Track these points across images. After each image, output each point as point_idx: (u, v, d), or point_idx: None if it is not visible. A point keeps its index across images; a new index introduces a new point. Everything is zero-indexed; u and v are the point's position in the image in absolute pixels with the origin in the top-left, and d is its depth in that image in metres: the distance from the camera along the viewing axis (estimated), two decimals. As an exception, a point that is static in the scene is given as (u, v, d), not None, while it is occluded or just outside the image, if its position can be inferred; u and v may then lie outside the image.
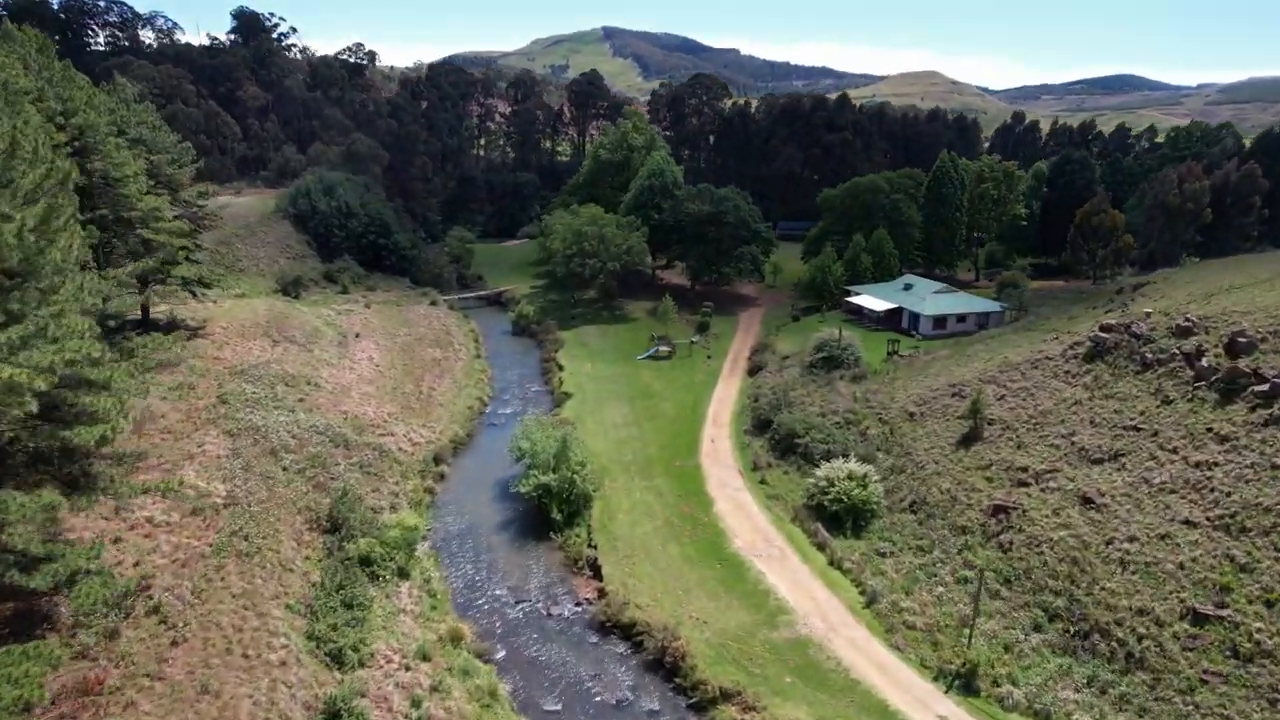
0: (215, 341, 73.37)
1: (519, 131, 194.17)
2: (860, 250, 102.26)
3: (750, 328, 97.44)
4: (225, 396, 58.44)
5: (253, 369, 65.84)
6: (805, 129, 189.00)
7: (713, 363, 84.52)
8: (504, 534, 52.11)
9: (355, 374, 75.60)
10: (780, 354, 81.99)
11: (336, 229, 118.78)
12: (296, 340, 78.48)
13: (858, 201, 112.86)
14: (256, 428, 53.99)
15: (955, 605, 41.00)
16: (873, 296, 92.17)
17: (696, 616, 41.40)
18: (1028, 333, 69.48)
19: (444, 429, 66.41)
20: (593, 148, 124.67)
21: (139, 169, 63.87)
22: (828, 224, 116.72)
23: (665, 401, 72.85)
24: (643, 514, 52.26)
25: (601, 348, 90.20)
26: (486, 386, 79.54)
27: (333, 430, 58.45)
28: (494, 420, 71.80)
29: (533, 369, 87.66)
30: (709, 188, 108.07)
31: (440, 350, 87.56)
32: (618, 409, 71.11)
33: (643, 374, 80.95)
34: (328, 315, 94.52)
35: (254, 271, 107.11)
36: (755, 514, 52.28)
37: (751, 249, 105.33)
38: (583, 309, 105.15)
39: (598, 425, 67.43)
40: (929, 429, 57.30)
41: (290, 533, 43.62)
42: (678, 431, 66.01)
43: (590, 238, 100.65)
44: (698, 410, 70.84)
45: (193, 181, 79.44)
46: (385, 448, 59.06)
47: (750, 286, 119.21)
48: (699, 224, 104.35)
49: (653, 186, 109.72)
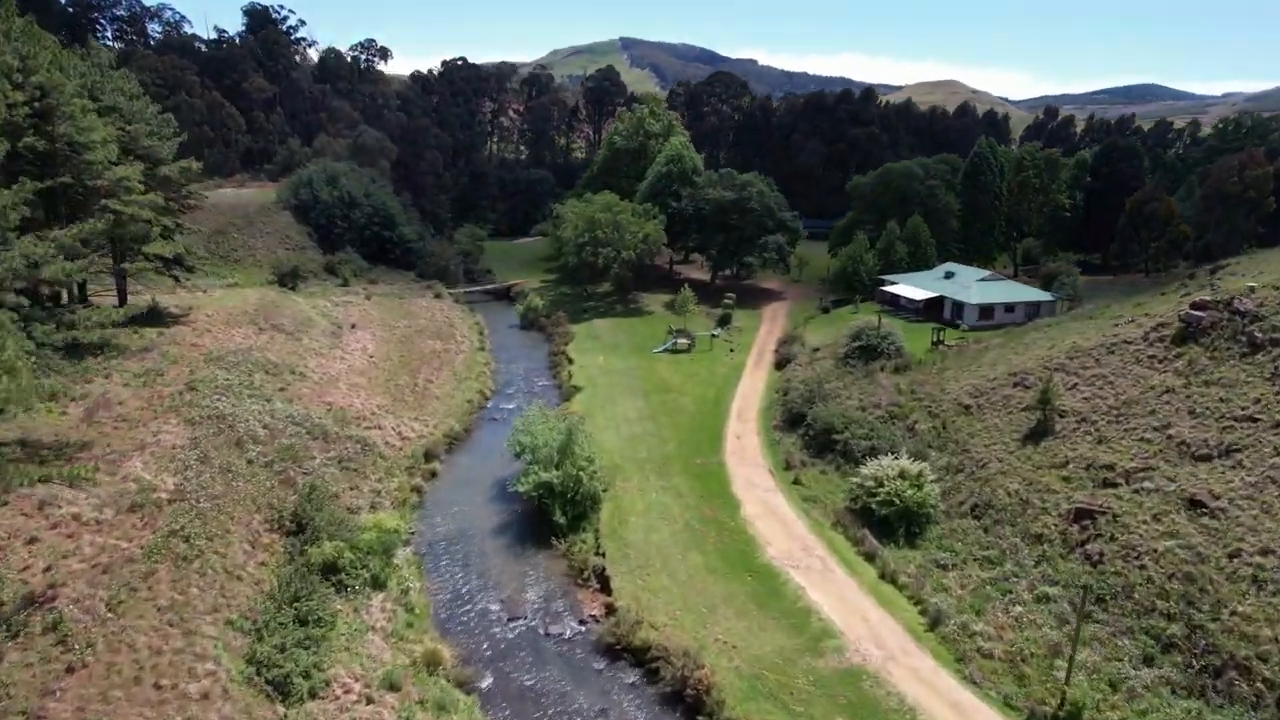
0: (197, 329, 67.63)
1: (533, 128, 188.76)
2: (894, 239, 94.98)
3: (775, 321, 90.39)
4: (195, 383, 52.30)
5: (230, 355, 59.80)
6: (829, 123, 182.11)
7: (736, 356, 77.56)
8: (499, 539, 45.32)
9: (345, 364, 69.38)
10: (810, 346, 74.88)
11: (339, 220, 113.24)
12: (285, 329, 72.49)
13: (890, 189, 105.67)
14: (223, 416, 47.69)
15: (1039, 629, 33.65)
16: (911, 285, 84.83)
17: (724, 639, 34.33)
18: (1091, 320, 61.88)
19: (438, 423, 59.89)
20: (608, 135, 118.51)
21: (108, 135, 58.20)
22: (857, 213, 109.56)
23: (684, 396, 65.93)
24: (659, 517, 45.31)
25: (615, 341, 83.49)
26: (489, 380, 73.01)
27: (311, 421, 52.10)
28: (495, 415, 65.19)
29: (540, 363, 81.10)
30: (731, 172, 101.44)
31: (441, 342, 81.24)
32: (631, 403, 64.28)
33: (659, 368, 74.12)
34: (323, 306, 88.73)
35: (250, 262, 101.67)
36: (790, 518, 45.15)
37: (777, 238, 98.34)
38: (595, 302, 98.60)
39: (609, 420, 60.62)
40: (988, 423, 49.91)
41: (244, 533, 37.09)
42: (698, 427, 59.05)
43: (604, 225, 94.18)
44: (720, 405, 63.85)
45: (177, 158, 74.04)
46: (369, 441, 52.58)
47: (774, 281, 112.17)
48: (720, 211, 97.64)
49: (670, 173, 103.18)
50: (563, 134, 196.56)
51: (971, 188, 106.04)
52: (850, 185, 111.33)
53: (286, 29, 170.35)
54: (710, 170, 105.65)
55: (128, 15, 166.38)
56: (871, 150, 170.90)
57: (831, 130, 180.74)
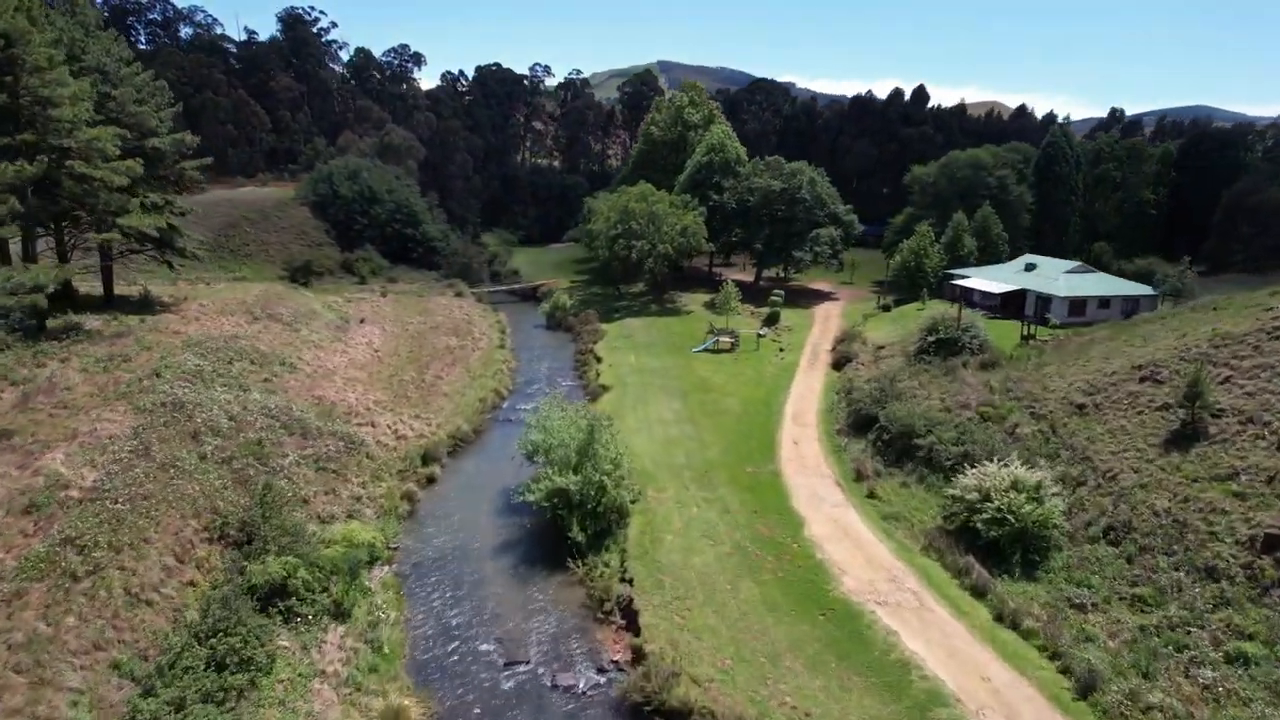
0: (185, 317, 60.95)
1: (567, 133, 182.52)
2: (962, 231, 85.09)
3: (829, 321, 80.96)
4: (161, 369, 44.93)
5: (210, 342, 52.52)
6: (879, 124, 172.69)
7: (786, 356, 68.31)
8: (502, 558, 36.62)
9: (346, 357, 61.82)
10: (873, 344, 65.39)
11: (358, 216, 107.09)
12: (282, 319, 65.32)
13: (954, 180, 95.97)
14: (181, 405, 39.97)
15: (1248, 706, 23.76)
16: (986, 279, 74.86)
17: (793, 703, 25.03)
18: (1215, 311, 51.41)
19: (443, 422, 51.66)
20: (643, 127, 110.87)
21: (81, 91, 51.71)
22: (917, 207, 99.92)
23: (729, 397, 56.86)
24: (701, 535, 36.19)
25: (648, 340, 74.86)
26: (506, 378, 64.75)
27: (290, 414, 44.18)
28: (511, 416, 56.75)
29: (565, 362, 72.75)
30: (779, 159, 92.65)
31: (456, 339, 73.42)
32: (667, 404, 55.41)
33: (699, 367, 65.18)
34: (334, 301, 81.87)
35: (262, 257, 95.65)
36: (868, 539, 35.69)
37: (830, 231, 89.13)
38: (628, 301, 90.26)
39: (641, 422, 51.82)
40: (1111, 425, 39.94)
41: (169, 544, 28.92)
42: (747, 431, 49.89)
43: (639, 216, 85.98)
44: (771, 406, 54.64)
45: (201, 154, 68.31)
46: (357, 439, 44.43)
47: (823, 281, 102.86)
48: (766, 202, 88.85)
49: (711, 163, 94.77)
50: (598, 140, 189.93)
51: (1044, 180, 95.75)
52: (909, 176, 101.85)
53: (317, 30, 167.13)
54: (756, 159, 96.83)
55: (161, 19, 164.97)
56: (925, 151, 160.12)
57: (881, 131, 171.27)
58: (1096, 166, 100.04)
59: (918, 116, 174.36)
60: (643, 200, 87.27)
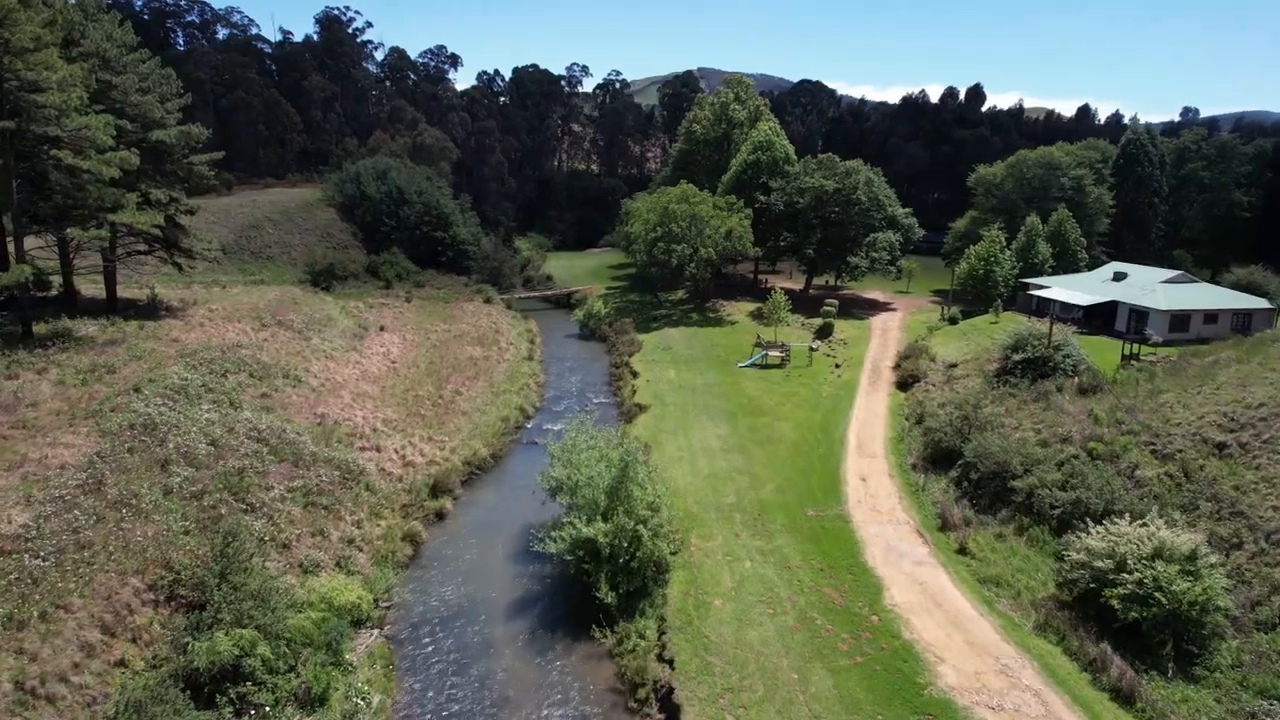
0: (189, 323, 56.48)
1: (605, 135, 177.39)
2: (1035, 236, 77.13)
3: (888, 334, 73.65)
4: (144, 384, 39.83)
5: (207, 352, 47.55)
6: (932, 126, 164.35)
7: (843, 373, 61.30)
8: (517, 620, 30.47)
9: (358, 369, 56.52)
10: (944, 361, 58.13)
11: (386, 218, 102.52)
12: (292, 326, 60.40)
13: (1023, 181, 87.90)
14: (154, 426, 34.68)
15: None
16: (1068, 289, 66.96)
17: None
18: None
19: (459, 445, 45.80)
20: (684, 125, 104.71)
21: (72, 76, 47.13)
22: (981, 210, 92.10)
23: (782, 421, 50.12)
24: (757, 600, 29.62)
25: (689, 353, 68.44)
26: (533, 394, 58.81)
27: (283, 437, 38.70)
28: (537, 436, 50.74)
29: (599, 376, 66.63)
30: (832, 157, 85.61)
31: (481, 349, 67.81)
32: (712, 428, 48.89)
33: (746, 385, 58.57)
34: (355, 307, 77.17)
35: (284, 260, 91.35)
36: (965, 612, 28.74)
37: (888, 235, 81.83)
38: (667, 310, 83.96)
39: (682, 450, 45.39)
40: (1267, 472, 32.45)
41: (98, 610, 23.30)
42: (805, 464, 43.13)
43: (679, 218, 79.68)
44: (831, 433, 47.76)
45: (212, 149, 63.99)
46: (357, 468, 38.72)
47: (877, 290, 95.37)
48: (819, 204, 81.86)
49: (758, 162, 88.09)
50: (637, 143, 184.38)
51: (1124, 181, 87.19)
52: (974, 178, 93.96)
53: (352, 30, 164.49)
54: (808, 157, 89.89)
55: (199, 21, 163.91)
56: (981, 154, 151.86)
57: (934, 133, 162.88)
58: (1181, 167, 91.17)
59: (973, 118, 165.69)
60: (684, 201, 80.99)
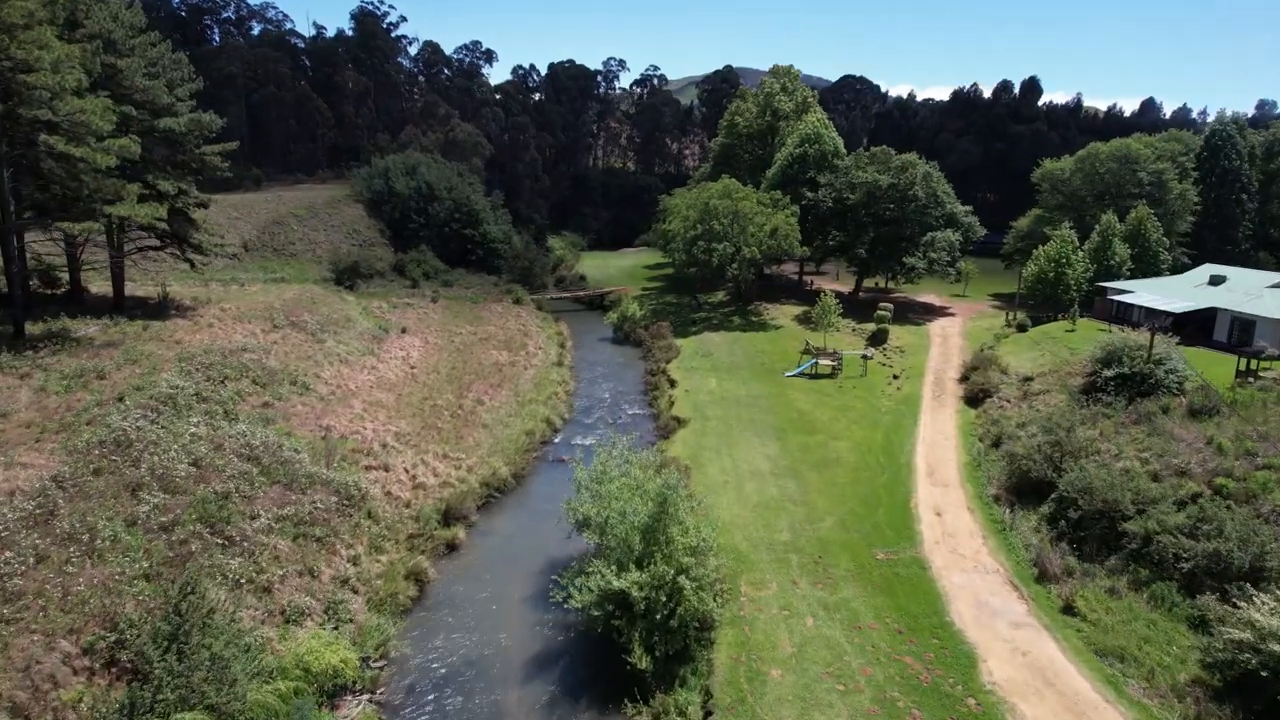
0: (198, 323, 52.95)
1: (641, 132, 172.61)
2: (1111, 235, 70.29)
3: (948, 341, 67.56)
4: (130, 392, 35.98)
5: (206, 356, 43.69)
6: (984, 121, 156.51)
7: (903, 385, 55.54)
8: (533, 684, 25.62)
9: (374, 375, 52.35)
10: (1018, 374, 52.06)
11: (414, 214, 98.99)
12: (306, 328, 56.57)
13: (1094, 176, 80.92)
14: (127, 443, 30.60)
15: None
16: (1155, 294, 60.24)
17: None
18: None
19: (477, 463, 41.20)
20: (726, 118, 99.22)
21: (68, 55, 43.61)
22: (1047, 208, 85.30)
23: (838, 440, 44.64)
24: (824, 671, 24.36)
25: (731, 360, 63.20)
26: (562, 404, 54.06)
27: (278, 455, 34.43)
28: (565, 452, 46.03)
29: (633, 384, 61.70)
30: (886, 149, 79.60)
31: (508, 353, 63.36)
32: (759, 447, 43.61)
33: (794, 397, 53.16)
34: (378, 307, 73.50)
35: (308, 257, 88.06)
36: (1086, 697, 23.12)
37: (947, 235, 75.61)
38: (707, 313, 78.76)
39: (727, 472, 40.22)
40: None
41: (11, 684, 18.91)
42: (869, 492, 37.66)
43: (721, 214, 74.46)
44: (896, 455, 42.16)
45: (223, 138, 60.40)
46: (358, 491, 34.25)
47: (931, 293, 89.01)
48: (871, 200, 76.00)
49: (805, 155, 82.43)
50: (674, 140, 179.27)
51: (1212, 177, 79.67)
52: (1039, 172, 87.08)
53: (386, 25, 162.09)
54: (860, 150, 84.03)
55: (235, 17, 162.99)
56: (1038, 150, 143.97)
57: (986, 129, 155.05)
58: (1271, 161, 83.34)
59: (1028, 112, 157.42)
60: (726, 197, 75.72)
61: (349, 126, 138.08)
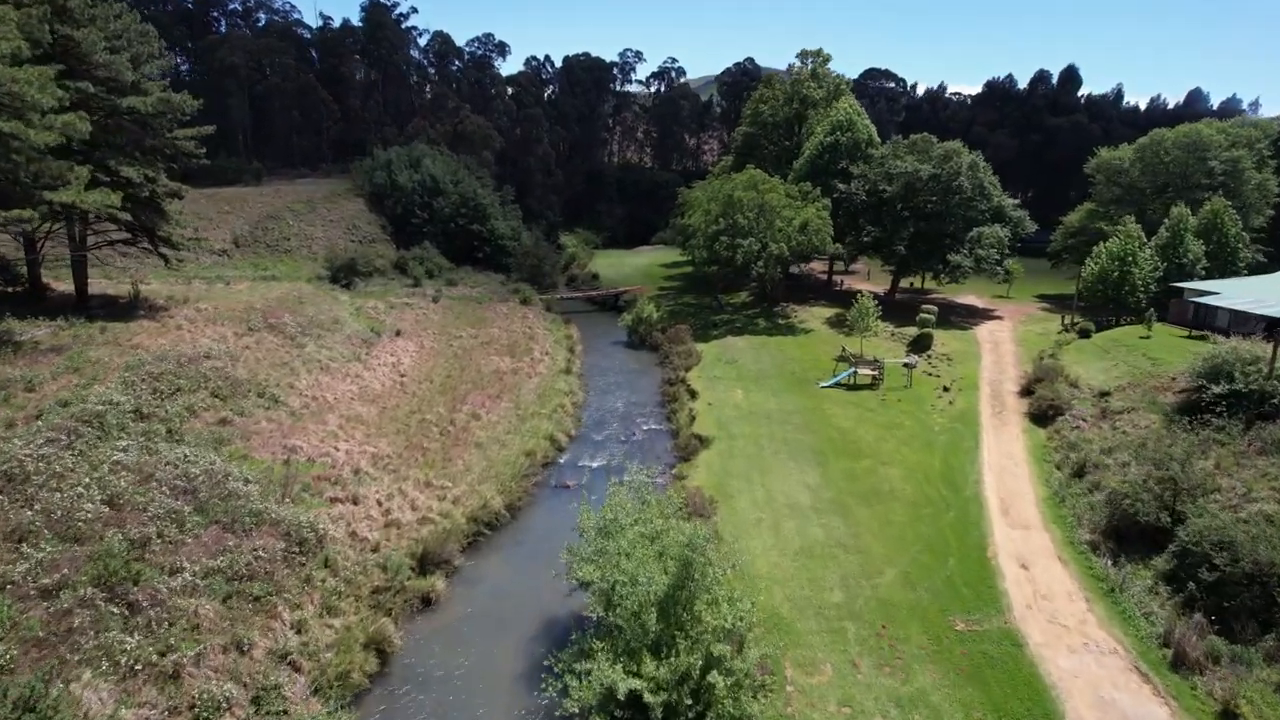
0: (165, 325, 47.55)
1: (659, 126, 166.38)
2: (1184, 231, 63.11)
3: (999, 348, 60.72)
4: (52, 409, 30.25)
5: (159, 364, 37.93)
6: (1020, 114, 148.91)
7: (956, 398, 48.85)
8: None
9: (357, 385, 46.46)
10: (1091, 388, 45.24)
11: (418, 209, 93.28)
12: (285, 331, 50.84)
13: (1156, 165, 73.72)
14: (24, 476, 24.76)
15: None
16: (1242, 295, 53.16)
17: None
18: None
19: (465, 493, 35.04)
20: (750, 105, 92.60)
21: (3, 16, 38.17)
22: (1101, 201, 78.18)
23: (888, 465, 38.12)
24: (905, 804, 17.97)
25: (758, 368, 56.80)
26: (568, 418, 47.79)
27: (223, 488, 28.47)
28: (571, 476, 39.85)
29: (649, 394, 55.38)
30: (928, 137, 72.85)
31: (510, 359, 57.30)
32: (796, 474, 37.19)
33: (833, 411, 46.65)
34: (374, 308, 67.87)
35: (303, 253, 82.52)
36: None
37: (995, 230, 68.74)
38: (730, 314, 72.36)
39: (760, 507, 33.83)
40: None
41: None
42: (933, 534, 31.13)
43: (746, 208, 68.07)
44: (960, 487, 35.59)
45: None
46: (315, 533, 28.16)
47: (970, 294, 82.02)
48: (910, 192, 69.34)
49: (837, 144, 75.80)
50: (693, 135, 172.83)
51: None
52: (1094, 162, 79.78)
53: (396, 16, 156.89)
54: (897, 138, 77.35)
55: (242, 9, 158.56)
56: (1079, 143, 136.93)
57: (1022, 121, 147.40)
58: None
59: (1067, 103, 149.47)
60: (752, 188, 69.26)
61: (355, 119, 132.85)
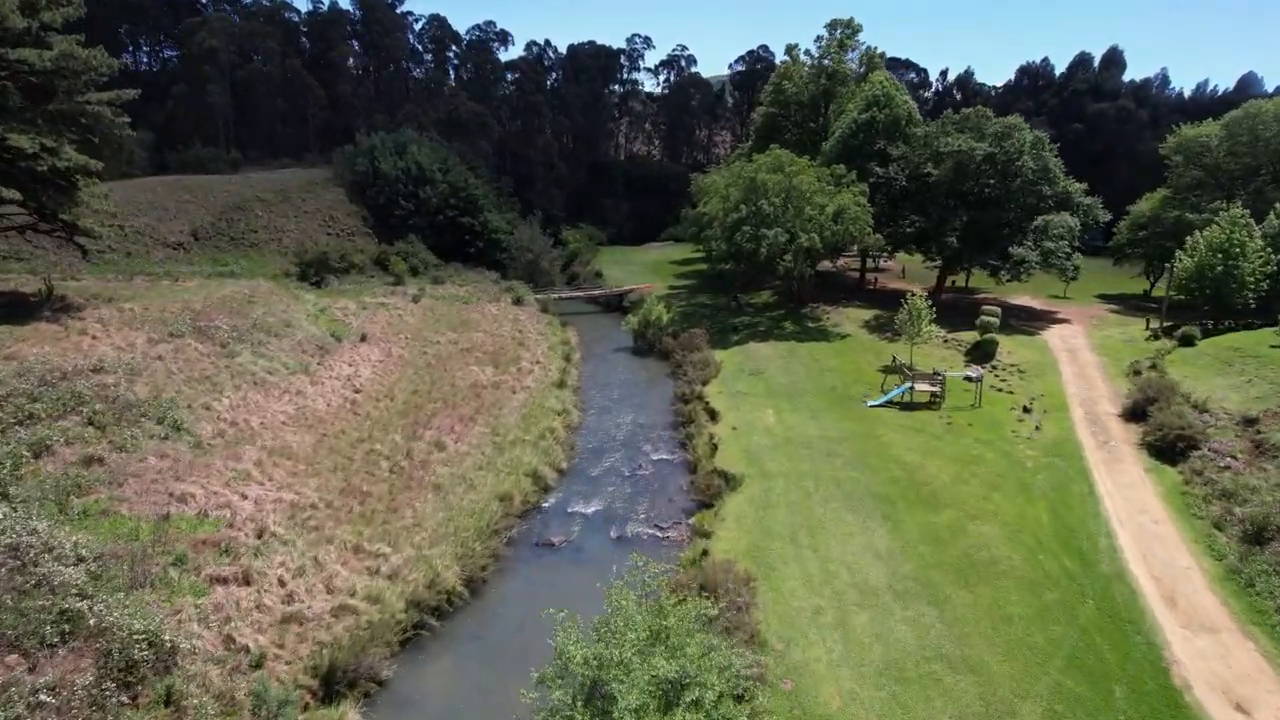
0: (68, 330, 39.21)
1: (668, 117, 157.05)
2: (1294, 218, 53.14)
3: (1077, 356, 50.89)
4: None
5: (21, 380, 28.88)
6: (1058, 100, 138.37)
7: (1041, 422, 39.09)
8: None
9: (295, 405, 37.22)
10: (1227, 412, 35.49)
11: (403, 199, 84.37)
12: (217, 336, 41.73)
13: (1250, 143, 63.81)
14: None
15: None
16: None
17: None
18: None
19: (408, 560, 25.50)
20: (773, 81, 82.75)
21: None
22: (1176, 189, 68.22)
23: (977, 519, 28.49)
24: None
25: (789, 381, 47.25)
26: (558, 446, 38.22)
27: (31, 574, 19.29)
28: (557, 527, 30.41)
29: (659, 413, 45.79)
30: (984, 110, 63.03)
31: (494, 369, 47.97)
32: (859, 534, 27.64)
33: (890, 439, 37.06)
34: (343, 308, 59.06)
35: (271, 248, 73.71)
36: None
37: (1064, 219, 58.94)
38: (751, 317, 62.82)
39: (816, 588, 24.31)
40: None
41: None
42: (1075, 641, 21.51)
43: (772, 192, 58.55)
44: (1088, 556, 25.90)
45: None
46: (152, 650, 18.81)
47: (1024, 294, 72.05)
48: (960, 175, 59.64)
49: (873, 122, 66.08)
50: (704, 126, 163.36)
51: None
52: (1172, 142, 69.54)
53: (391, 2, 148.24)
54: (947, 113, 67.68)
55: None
56: (1123, 131, 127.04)
57: (1061, 108, 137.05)
58: None
59: (1110, 87, 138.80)
60: (778, 171, 59.66)
61: (345, 107, 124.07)
